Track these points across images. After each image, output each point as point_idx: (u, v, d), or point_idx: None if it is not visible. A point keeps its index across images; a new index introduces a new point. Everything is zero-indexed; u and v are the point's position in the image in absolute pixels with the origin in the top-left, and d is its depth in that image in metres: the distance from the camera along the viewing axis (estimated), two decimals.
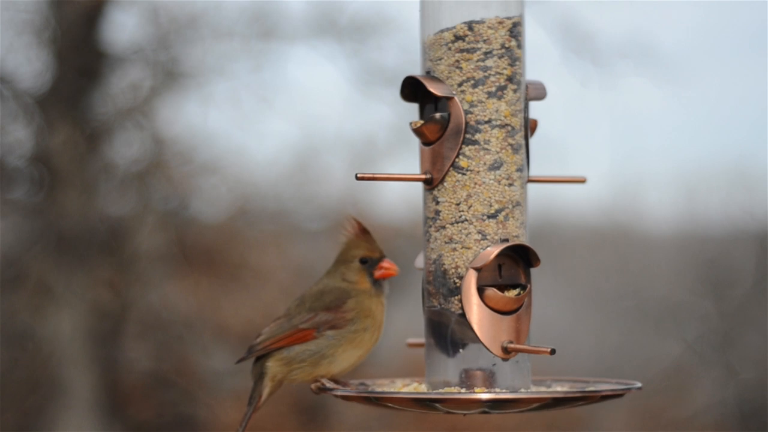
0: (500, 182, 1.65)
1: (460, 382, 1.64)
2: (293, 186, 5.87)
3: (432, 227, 1.67)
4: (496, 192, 1.65)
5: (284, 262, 5.91)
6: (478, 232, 1.65)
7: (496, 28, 1.66)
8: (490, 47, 1.66)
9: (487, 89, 1.66)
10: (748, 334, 6.08)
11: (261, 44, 5.56)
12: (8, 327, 5.28)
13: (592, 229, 7.22)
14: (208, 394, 5.55)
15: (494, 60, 1.66)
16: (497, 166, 1.65)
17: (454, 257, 1.66)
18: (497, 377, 1.64)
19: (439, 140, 1.67)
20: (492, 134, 1.66)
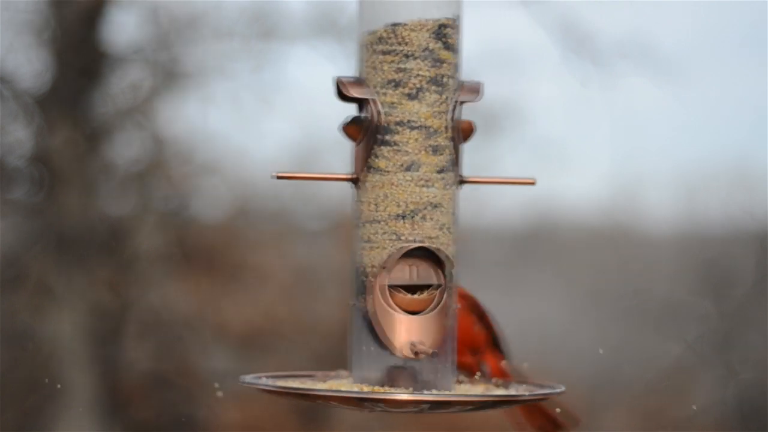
0: (416, 183, 1.66)
1: (385, 379, 1.65)
2: (293, 186, 5.87)
3: (354, 226, 1.71)
4: (412, 193, 1.67)
5: (284, 262, 5.91)
6: (392, 233, 1.67)
7: (417, 30, 1.67)
8: (411, 49, 1.67)
9: (406, 91, 1.67)
10: (748, 334, 6.08)
11: (261, 44, 5.57)
12: (8, 327, 5.28)
13: (592, 229, 7.21)
14: (208, 394, 5.55)
15: (415, 62, 1.67)
16: (413, 168, 1.66)
17: (370, 256, 1.68)
18: (420, 377, 1.65)
19: (362, 141, 1.69)
20: (409, 136, 1.67)
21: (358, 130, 1.68)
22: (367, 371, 1.67)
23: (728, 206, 6.40)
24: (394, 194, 1.67)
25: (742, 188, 6.41)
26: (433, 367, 1.66)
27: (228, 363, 5.66)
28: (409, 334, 1.65)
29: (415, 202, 1.67)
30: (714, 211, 6.69)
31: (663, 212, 7.02)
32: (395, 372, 1.65)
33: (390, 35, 1.67)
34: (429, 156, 1.68)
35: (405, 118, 1.67)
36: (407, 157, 1.67)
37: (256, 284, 5.74)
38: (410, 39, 1.68)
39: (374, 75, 1.68)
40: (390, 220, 1.67)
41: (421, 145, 1.68)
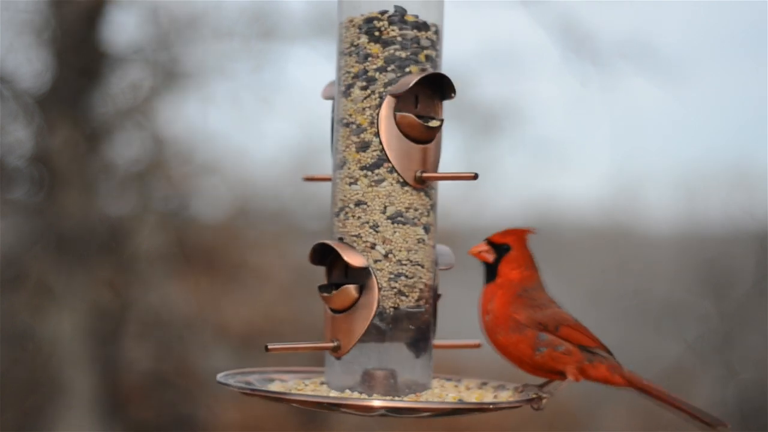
0: (342, 180, 1.66)
1: (361, 383, 1.63)
2: (293, 186, 5.87)
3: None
4: (340, 191, 1.66)
5: (284, 262, 5.91)
6: (328, 230, 1.72)
7: (347, 27, 1.66)
8: (342, 46, 1.66)
9: (339, 89, 1.67)
10: (748, 334, 6.07)
11: (261, 44, 5.56)
12: (8, 327, 5.28)
13: (592, 229, 7.21)
14: (208, 394, 5.54)
15: (345, 59, 1.66)
16: (341, 165, 1.66)
17: None
18: (401, 375, 1.64)
19: None
20: (340, 134, 1.67)
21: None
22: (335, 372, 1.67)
23: (728, 206, 6.40)
24: (333, 193, 1.66)
25: (742, 188, 6.41)
26: (419, 363, 1.66)
27: (228, 363, 5.66)
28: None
29: (343, 200, 1.66)
30: (714, 211, 6.69)
31: (663, 212, 7.02)
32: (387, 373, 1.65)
33: (336, 34, 1.68)
34: (353, 153, 1.66)
35: (338, 116, 1.67)
36: (338, 155, 1.67)
37: (256, 284, 5.74)
38: (342, 36, 1.67)
39: (336, 74, 1.68)
40: (331, 217, 1.67)
41: (347, 142, 1.67)
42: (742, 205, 6.29)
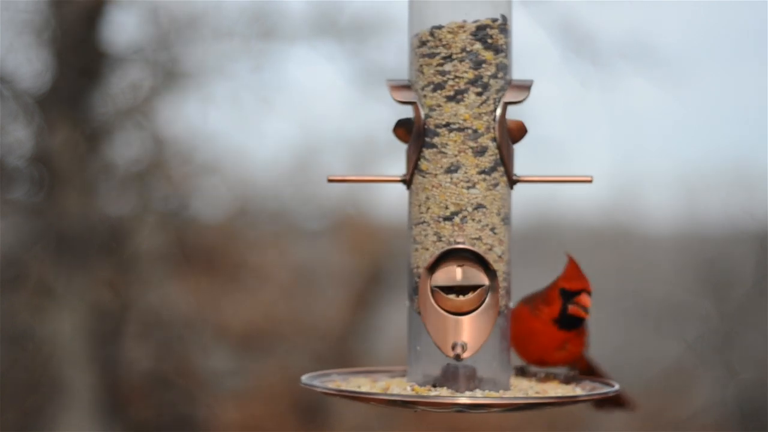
0: (458, 185, 1.66)
1: (438, 379, 1.65)
2: (293, 186, 5.87)
3: (408, 228, 1.71)
4: (453, 195, 1.66)
5: (284, 262, 5.91)
6: (434, 234, 1.66)
7: (455, 32, 1.68)
8: (449, 51, 1.68)
9: (445, 93, 1.67)
10: (748, 334, 6.08)
11: (261, 44, 5.56)
12: (8, 327, 5.28)
13: (592, 229, 7.21)
14: (208, 394, 5.55)
15: (453, 64, 1.67)
16: (454, 169, 1.66)
17: (416, 257, 1.69)
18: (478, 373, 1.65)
19: (409, 144, 1.71)
20: (449, 138, 1.67)
21: (405, 133, 1.69)
22: (417, 370, 1.67)
23: (728, 206, 6.40)
24: (437, 196, 1.67)
25: (742, 188, 6.41)
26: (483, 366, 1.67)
27: (228, 363, 5.66)
28: (455, 334, 1.65)
29: (457, 204, 1.67)
30: (714, 211, 6.69)
31: (663, 212, 7.02)
32: (445, 371, 1.65)
33: (430, 38, 1.68)
34: (471, 157, 1.68)
35: (445, 120, 1.67)
36: (448, 159, 1.67)
37: (256, 284, 5.74)
38: (449, 41, 1.68)
39: (418, 78, 1.68)
40: (433, 221, 1.67)
41: (463, 147, 1.68)
42: (742, 205, 6.29)
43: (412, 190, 1.69)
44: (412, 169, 1.69)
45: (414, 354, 1.68)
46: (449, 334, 1.65)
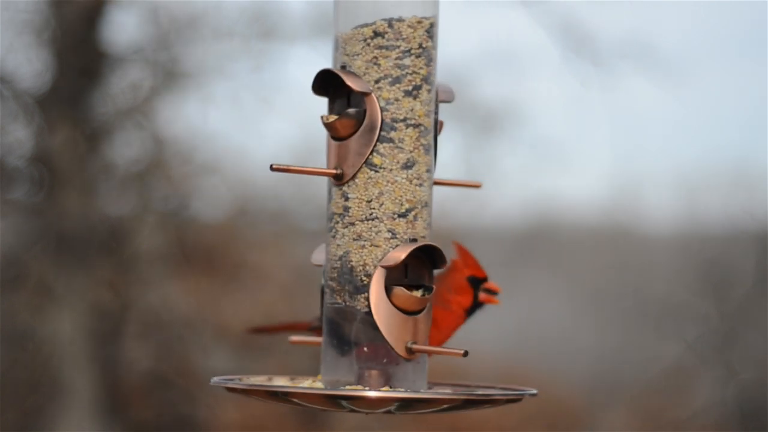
0: (411, 182, 1.66)
1: (358, 380, 1.63)
2: (293, 186, 5.87)
3: (339, 223, 1.67)
4: (408, 191, 1.65)
5: (284, 262, 5.92)
6: (388, 231, 1.65)
7: (415, 27, 1.66)
8: (409, 46, 1.66)
9: (403, 87, 1.66)
10: (748, 334, 6.08)
11: (261, 44, 5.57)
12: (8, 327, 5.28)
13: (592, 229, 7.22)
14: (208, 394, 5.55)
15: (412, 59, 1.66)
16: (410, 166, 1.65)
17: (362, 254, 1.65)
18: (395, 378, 1.64)
19: (352, 136, 1.66)
20: (406, 133, 1.66)
21: (349, 125, 1.65)
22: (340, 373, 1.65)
23: (728, 206, 6.41)
24: (392, 191, 1.65)
25: (742, 188, 6.41)
26: (416, 367, 1.66)
27: (228, 363, 5.66)
28: (408, 334, 1.64)
29: (410, 201, 1.66)
30: (714, 211, 6.70)
31: (663, 212, 7.03)
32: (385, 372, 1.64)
33: (388, 30, 1.66)
34: (422, 155, 1.67)
35: (403, 115, 1.66)
36: (404, 154, 1.66)
37: (256, 284, 5.74)
38: (409, 35, 1.67)
39: (370, 69, 1.67)
40: (387, 217, 1.65)
41: (417, 143, 1.67)
42: (742, 205, 6.30)
43: (356, 184, 1.67)
44: (361, 163, 1.66)
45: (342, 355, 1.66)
46: (403, 333, 1.64)
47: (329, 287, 1.67)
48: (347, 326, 1.65)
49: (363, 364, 1.64)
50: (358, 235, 1.65)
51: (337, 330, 1.66)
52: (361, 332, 1.64)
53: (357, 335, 1.64)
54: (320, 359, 1.68)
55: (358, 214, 1.65)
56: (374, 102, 1.65)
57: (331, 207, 1.69)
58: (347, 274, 1.66)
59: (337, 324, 1.66)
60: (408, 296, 1.63)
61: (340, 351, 1.65)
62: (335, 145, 1.69)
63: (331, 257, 1.68)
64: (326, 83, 1.68)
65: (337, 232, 1.67)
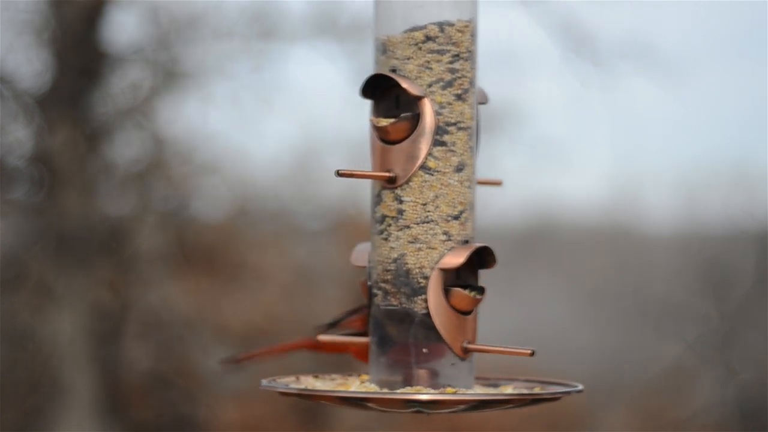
0: (463, 184, 1.67)
1: (411, 381, 1.64)
2: (293, 186, 5.87)
3: (392, 226, 1.67)
4: (460, 194, 1.67)
5: (284, 262, 5.92)
6: (443, 233, 1.66)
7: (463, 31, 1.68)
8: (458, 50, 1.67)
9: (454, 91, 1.67)
10: (748, 334, 6.08)
11: (261, 44, 5.57)
12: (8, 327, 5.28)
13: (592, 229, 7.22)
14: (208, 394, 5.55)
15: (461, 63, 1.67)
16: (461, 168, 1.67)
17: (419, 257, 1.66)
18: (450, 377, 1.65)
19: (406, 140, 1.66)
20: (457, 136, 1.67)
21: (404, 129, 1.65)
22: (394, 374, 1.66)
23: (728, 206, 6.41)
24: (446, 194, 1.66)
25: (742, 188, 6.42)
26: (465, 366, 1.67)
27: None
28: (462, 334, 1.66)
29: (463, 203, 1.67)
30: (714, 211, 6.70)
31: (663, 212, 7.03)
32: (428, 373, 1.66)
33: (440, 34, 1.67)
34: (470, 157, 1.69)
35: (455, 119, 1.67)
36: (456, 157, 1.67)
37: (256, 284, 5.74)
38: (458, 39, 1.68)
39: (422, 73, 1.67)
40: (442, 220, 1.66)
41: (466, 146, 1.68)
42: (742, 205, 6.30)
43: (411, 187, 1.68)
44: (415, 166, 1.67)
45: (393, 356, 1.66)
46: (459, 333, 1.66)
47: (382, 289, 1.67)
48: (402, 328, 1.65)
49: (418, 365, 1.65)
50: (414, 238, 1.66)
51: (389, 331, 1.67)
52: (418, 333, 1.65)
53: (414, 336, 1.65)
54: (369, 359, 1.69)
55: (414, 217, 1.66)
56: (428, 106, 1.65)
57: (382, 209, 1.68)
58: (403, 276, 1.66)
59: (391, 326, 1.66)
60: (465, 297, 1.64)
61: (392, 352, 1.66)
62: (384, 148, 1.68)
63: (383, 259, 1.68)
64: (373, 87, 1.68)
65: (390, 235, 1.67)
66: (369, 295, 1.69)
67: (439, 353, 1.65)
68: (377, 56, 1.70)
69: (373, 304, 1.68)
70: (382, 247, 1.68)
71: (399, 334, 1.65)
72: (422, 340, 1.65)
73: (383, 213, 1.68)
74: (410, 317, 1.65)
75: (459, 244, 1.66)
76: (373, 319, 1.68)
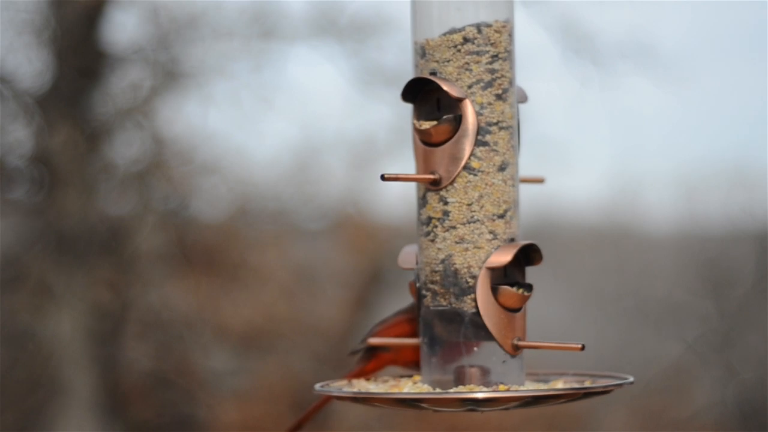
0: (506, 183, 1.69)
1: (464, 380, 1.65)
2: (293, 186, 5.87)
3: (439, 227, 1.68)
4: (504, 192, 1.68)
5: (284, 262, 5.92)
6: (489, 232, 1.67)
7: (501, 32, 1.69)
8: (497, 50, 1.68)
9: (494, 91, 1.68)
10: (748, 334, 6.08)
11: (261, 44, 5.57)
12: (8, 327, 5.29)
13: (592, 229, 7.22)
14: (208, 394, 5.55)
15: (500, 63, 1.68)
16: (504, 167, 1.68)
17: (466, 257, 1.67)
18: (502, 374, 1.66)
19: (449, 141, 1.67)
20: (499, 136, 1.68)
21: (446, 131, 1.66)
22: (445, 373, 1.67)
23: (728, 206, 6.41)
24: (491, 194, 1.67)
25: (742, 188, 6.42)
26: (516, 363, 1.68)
27: (228, 363, 5.66)
28: (514, 331, 1.67)
29: (507, 202, 1.68)
30: (714, 211, 6.70)
31: (663, 212, 7.03)
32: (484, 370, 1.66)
33: (477, 35, 1.68)
34: (513, 156, 1.69)
35: (496, 119, 1.68)
36: (499, 157, 1.68)
37: (256, 284, 5.74)
38: (496, 40, 1.69)
39: (462, 75, 1.67)
40: (487, 219, 1.66)
41: (509, 145, 1.69)
42: (742, 205, 6.30)
43: (455, 188, 1.68)
44: (459, 167, 1.68)
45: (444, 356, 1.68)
46: (509, 331, 1.67)
47: (430, 290, 1.68)
48: (452, 327, 1.67)
49: (470, 363, 1.66)
50: (461, 238, 1.67)
51: (440, 332, 1.68)
52: (468, 332, 1.66)
53: (464, 336, 1.66)
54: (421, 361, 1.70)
55: (459, 218, 1.67)
56: (469, 107, 1.66)
57: (427, 211, 1.69)
58: (451, 276, 1.67)
59: (441, 326, 1.68)
60: (513, 294, 1.65)
61: (444, 352, 1.67)
62: (427, 151, 1.69)
63: (430, 261, 1.69)
64: (414, 90, 1.69)
65: (437, 236, 1.68)
66: (417, 297, 1.70)
67: (490, 351, 1.66)
68: (416, 59, 1.71)
69: (423, 305, 1.69)
70: (429, 249, 1.69)
71: (449, 334, 1.67)
72: (473, 339, 1.66)
73: (429, 215, 1.69)
74: (460, 317, 1.66)
75: (505, 243, 1.67)
76: (423, 320, 1.70)
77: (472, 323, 1.66)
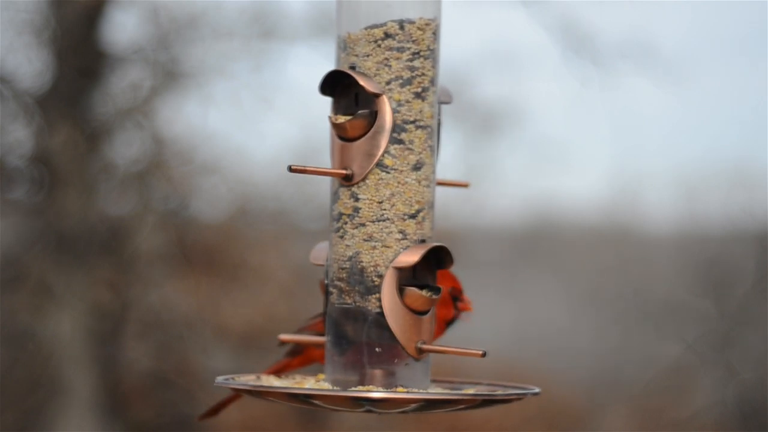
0: (420, 183, 1.66)
1: (365, 380, 1.63)
2: (293, 186, 5.87)
3: (348, 224, 1.66)
4: (417, 192, 1.65)
5: (284, 262, 5.92)
6: (399, 232, 1.65)
7: (424, 29, 1.66)
8: (419, 48, 1.66)
9: (413, 89, 1.66)
10: (748, 334, 6.08)
11: (261, 44, 5.57)
12: (8, 327, 5.28)
13: (592, 229, 7.22)
14: (208, 394, 5.54)
15: (421, 61, 1.66)
16: (419, 167, 1.65)
17: (374, 255, 1.65)
18: (403, 377, 1.64)
19: (363, 137, 1.65)
20: (416, 135, 1.66)
21: (361, 126, 1.64)
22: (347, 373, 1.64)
23: (728, 206, 6.41)
24: (402, 193, 1.65)
25: (742, 188, 6.41)
26: (420, 367, 1.66)
27: (228, 363, 5.66)
28: (419, 334, 1.64)
29: (420, 202, 1.66)
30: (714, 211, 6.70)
31: (663, 212, 7.03)
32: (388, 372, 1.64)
33: (399, 32, 1.66)
34: (429, 156, 1.67)
35: (413, 117, 1.66)
36: (414, 156, 1.66)
37: (256, 284, 5.74)
38: (418, 37, 1.67)
39: (381, 71, 1.66)
40: (398, 218, 1.64)
41: (425, 145, 1.67)
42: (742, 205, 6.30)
43: (367, 185, 1.66)
44: (372, 164, 1.66)
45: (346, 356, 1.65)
46: (413, 334, 1.64)
47: (336, 287, 1.66)
48: (356, 327, 1.64)
49: (372, 364, 1.64)
50: (369, 236, 1.65)
51: (344, 330, 1.65)
52: (371, 333, 1.63)
53: (367, 336, 1.64)
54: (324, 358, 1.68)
55: (369, 215, 1.65)
56: (386, 103, 1.64)
57: (338, 207, 1.68)
58: (357, 274, 1.65)
59: (345, 324, 1.65)
60: (419, 296, 1.62)
61: (347, 351, 1.65)
62: (342, 146, 1.68)
63: (338, 257, 1.67)
64: (333, 83, 1.67)
65: (346, 233, 1.67)
66: (325, 294, 1.68)
67: (392, 353, 1.63)
68: (338, 53, 1.68)
69: (329, 302, 1.67)
70: (338, 245, 1.67)
71: (353, 334, 1.64)
72: (376, 340, 1.63)
73: (340, 211, 1.68)
74: (364, 316, 1.64)
75: (415, 243, 1.64)
76: (329, 318, 1.67)
77: (375, 323, 1.63)
